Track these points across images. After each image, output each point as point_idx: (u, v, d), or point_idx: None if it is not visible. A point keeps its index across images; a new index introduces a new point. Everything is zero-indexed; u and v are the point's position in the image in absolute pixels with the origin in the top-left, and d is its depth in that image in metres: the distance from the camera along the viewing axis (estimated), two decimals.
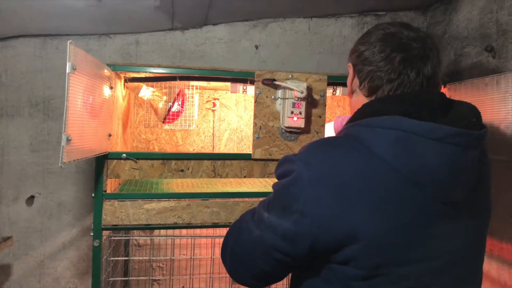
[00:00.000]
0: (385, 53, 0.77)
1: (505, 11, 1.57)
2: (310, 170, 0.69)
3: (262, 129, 1.40)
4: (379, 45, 0.78)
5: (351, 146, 0.70)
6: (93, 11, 1.53)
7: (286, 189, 0.71)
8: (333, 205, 0.66)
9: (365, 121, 0.72)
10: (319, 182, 0.67)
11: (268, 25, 1.99)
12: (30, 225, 1.87)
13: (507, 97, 1.24)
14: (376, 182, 0.66)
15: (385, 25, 0.81)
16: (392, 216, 0.65)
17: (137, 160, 1.35)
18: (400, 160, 0.66)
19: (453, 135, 0.65)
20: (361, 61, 0.81)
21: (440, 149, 0.65)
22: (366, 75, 0.80)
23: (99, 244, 1.30)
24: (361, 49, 0.82)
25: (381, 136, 0.67)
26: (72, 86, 0.94)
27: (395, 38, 0.78)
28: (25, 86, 1.85)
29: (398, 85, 0.76)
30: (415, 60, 0.76)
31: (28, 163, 1.87)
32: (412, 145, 0.66)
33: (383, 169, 0.66)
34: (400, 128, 0.66)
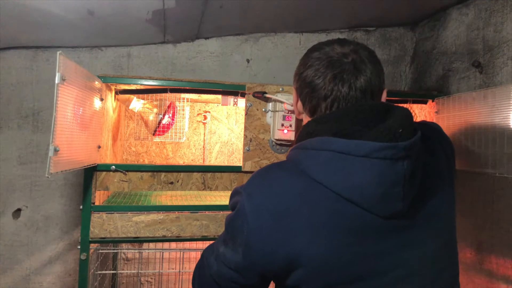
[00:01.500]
0: (319, 72, 0.78)
1: (491, 27, 1.60)
2: (250, 201, 0.71)
3: (252, 141, 1.40)
4: (314, 65, 0.79)
5: (289, 171, 0.73)
6: (85, 23, 1.53)
7: (232, 222, 0.74)
8: (273, 233, 0.67)
9: (300, 144, 0.75)
10: (259, 213, 0.69)
11: (260, 39, 2.01)
12: (16, 239, 1.84)
13: (493, 111, 1.26)
14: (312, 205, 0.68)
15: (320, 44, 0.83)
16: (331, 237, 0.66)
17: (127, 172, 1.34)
18: (332, 180, 0.67)
19: (378, 150, 0.65)
20: (301, 83, 0.83)
21: (368, 165, 0.66)
22: (305, 96, 0.82)
23: (86, 257, 1.28)
24: (300, 71, 0.83)
25: (313, 158, 0.70)
26: (61, 97, 0.94)
27: (327, 57, 0.79)
28: (15, 98, 1.84)
29: (332, 102, 0.77)
30: (346, 75, 0.76)
31: (16, 176, 1.84)
32: (341, 164, 0.67)
33: (317, 191, 0.68)
34: (329, 149, 0.68)
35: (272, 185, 0.71)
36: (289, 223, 0.67)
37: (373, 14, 1.89)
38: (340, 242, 0.67)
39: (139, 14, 1.49)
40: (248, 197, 0.71)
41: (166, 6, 1.45)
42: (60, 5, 1.36)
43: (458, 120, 1.41)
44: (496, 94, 1.26)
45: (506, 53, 1.52)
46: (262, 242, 0.68)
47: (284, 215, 0.67)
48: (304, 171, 0.70)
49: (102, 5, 1.38)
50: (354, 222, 0.67)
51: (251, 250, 0.69)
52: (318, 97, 0.79)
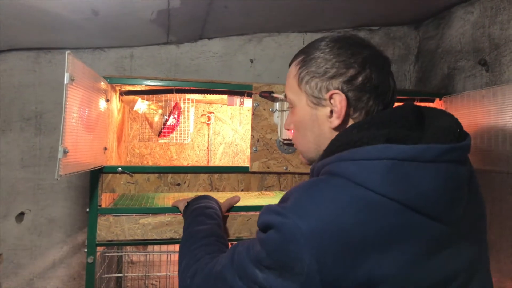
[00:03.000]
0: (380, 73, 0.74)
1: (497, 25, 1.59)
2: (305, 223, 0.61)
3: (259, 141, 1.38)
4: (369, 67, 0.74)
5: (342, 187, 0.64)
6: (89, 24, 1.52)
7: (282, 246, 0.62)
8: (340, 257, 0.59)
9: (347, 155, 0.66)
10: (319, 236, 0.60)
11: (263, 39, 2.00)
12: (19, 243, 1.82)
13: (503, 108, 1.25)
14: (376, 220, 0.61)
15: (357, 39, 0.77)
16: (402, 253, 0.61)
17: (133, 174, 1.32)
18: (396, 191, 0.61)
19: (447, 152, 0.61)
20: (357, 87, 0.74)
21: (435, 170, 0.61)
22: (366, 101, 0.74)
23: (93, 261, 1.26)
24: (351, 73, 0.74)
25: (370, 170, 0.62)
26: (70, 97, 0.92)
27: (372, 53, 0.75)
28: (17, 100, 1.82)
29: (391, 96, 0.75)
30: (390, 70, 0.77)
31: (19, 179, 1.83)
32: (404, 172, 0.61)
33: (380, 205, 0.61)
34: (389, 157, 0.62)
35: (327, 203, 0.62)
36: (354, 242, 0.59)
37: (376, 13, 1.89)
38: (412, 257, 0.61)
39: (144, 14, 1.48)
40: (300, 218, 0.61)
41: (171, 6, 1.44)
42: (64, 5, 1.35)
43: (467, 118, 1.40)
44: (505, 92, 1.25)
45: None
46: (328, 268, 0.59)
47: (346, 235, 0.60)
48: (359, 185, 0.62)
49: (108, 5, 1.37)
50: (422, 233, 0.62)
51: (315, 279, 0.59)
52: (384, 97, 0.74)
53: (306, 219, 0.61)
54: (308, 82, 0.77)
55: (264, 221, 0.68)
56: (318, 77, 0.75)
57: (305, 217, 0.61)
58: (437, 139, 0.62)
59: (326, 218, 0.61)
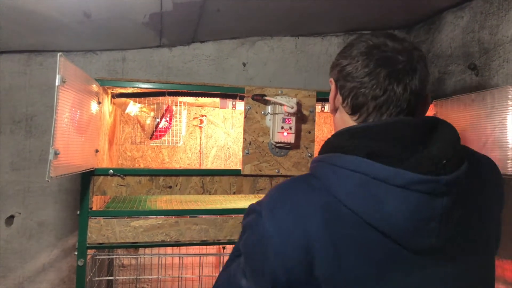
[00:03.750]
0: (368, 68, 0.71)
1: (486, 30, 1.61)
2: (272, 221, 0.64)
3: (251, 144, 1.39)
4: (362, 59, 0.72)
5: (315, 189, 0.66)
6: (81, 27, 1.51)
7: (255, 248, 0.66)
8: (301, 261, 0.62)
9: (329, 157, 0.68)
10: (285, 240, 0.63)
11: (256, 43, 2.01)
12: (8, 246, 1.80)
13: (493, 112, 1.27)
14: (337, 229, 0.62)
15: (368, 36, 0.75)
16: (357, 266, 0.62)
17: (124, 177, 1.32)
18: (361, 207, 0.62)
19: (417, 183, 0.60)
20: (343, 76, 0.75)
21: (403, 196, 0.60)
22: (349, 92, 0.74)
23: (83, 264, 1.25)
24: (343, 63, 0.75)
25: (343, 179, 0.64)
26: (61, 99, 0.92)
27: (379, 51, 0.71)
28: (8, 102, 1.81)
29: (384, 102, 0.70)
30: (402, 75, 0.70)
31: (8, 182, 1.81)
32: (373, 190, 0.61)
33: (345, 216, 0.62)
34: (363, 172, 0.62)
35: (295, 203, 0.65)
36: (314, 248, 0.61)
37: (368, 18, 1.90)
38: (365, 273, 0.62)
39: (136, 17, 1.48)
40: (269, 216, 0.65)
41: (163, 9, 1.44)
42: (56, 7, 1.34)
43: (457, 121, 1.42)
44: (495, 96, 1.26)
45: (502, 56, 1.53)
46: (292, 273, 0.62)
47: (308, 236, 0.62)
48: (331, 192, 0.64)
49: (100, 7, 1.36)
50: (380, 253, 0.62)
51: (281, 282, 0.62)
52: (366, 95, 0.71)
53: (275, 223, 0.64)
54: (330, 71, 0.84)
55: (243, 222, 0.73)
56: (332, 67, 0.82)
57: (274, 221, 0.64)
58: (415, 167, 0.61)
59: (294, 224, 0.63)
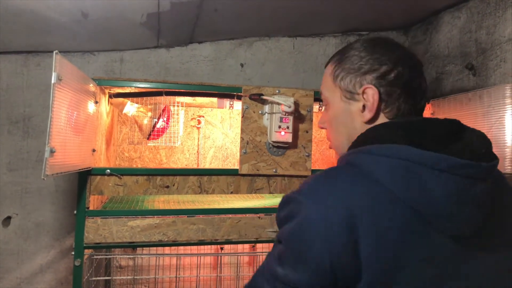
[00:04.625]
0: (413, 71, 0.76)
1: (483, 30, 1.61)
2: (317, 211, 0.62)
3: (249, 144, 1.38)
4: (403, 64, 0.75)
5: (357, 178, 0.66)
6: (78, 27, 1.51)
7: (296, 234, 0.64)
8: (347, 245, 0.60)
9: (367, 149, 0.68)
10: (330, 225, 0.61)
11: (253, 43, 2.01)
12: (6, 247, 1.80)
13: (489, 111, 1.27)
14: (382, 214, 0.62)
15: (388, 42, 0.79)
16: (396, 250, 0.62)
17: (122, 176, 1.31)
18: (405, 191, 0.63)
19: (460, 167, 0.62)
20: (392, 82, 0.76)
21: (445, 180, 0.62)
22: (396, 97, 0.75)
23: (80, 263, 1.25)
24: (386, 69, 0.76)
25: (384, 166, 0.64)
26: (57, 97, 0.92)
27: (407, 53, 0.77)
28: (5, 103, 1.80)
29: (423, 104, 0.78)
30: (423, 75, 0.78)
31: (6, 183, 1.80)
32: (417, 175, 0.62)
33: (388, 200, 0.63)
34: (406, 158, 0.63)
35: (341, 192, 0.64)
36: (358, 229, 0.61)
37: (366, 19, 1.90)
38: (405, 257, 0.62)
39: (134, 17, 1.48)
40: (313, 206, 0.63)
41: (161, 9, 1.44)
42: (53, 7, 1.34)
43: None
44: (491, 94, 1.26)
45: (499, 55, 1.54)
46: (338, 257, 0.60)
47: (354, 222, 0.61)
48: (372, 178, 0.64)
49: (97, 7, 1.36)
50: (421, 238, 0.63)
51: (325, 268, 0.61)
52: (416, 96, 0.76)
53: (318, 207, 0.62)
54: (343, 78, 0.80)
55: (285, 214, 0.69)
56: (352, 72, 0.78)
57: (317, 204, 0.63)
58: (457, 153, 0.63)
59: (338, 206, 0.62)
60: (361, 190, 0.63)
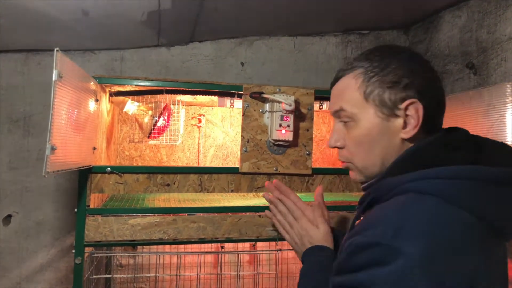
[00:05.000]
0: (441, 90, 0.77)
1: (484, 29, 1.62)
2: (419, 247, 0.57)
3: (249, 142, 1.38)
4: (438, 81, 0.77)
5: (436, 207, 0.63)
6: (78, 25, 1.51)
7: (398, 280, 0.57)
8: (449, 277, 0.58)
9: (435, 173, 0.65)
10: (431, 261, 0.57)
11: (254, 42, 2.01)
12: (6, 246, 1.79)
13: (490, 109, 1.27)
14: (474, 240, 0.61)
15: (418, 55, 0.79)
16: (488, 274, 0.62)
17: (122, 174, 1.31)
18: (489, 212, 0.63)
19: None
20: (436, 100, 0.75)
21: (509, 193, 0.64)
22: (434, 115, 0.75)
23: (81, 261, 1.25)
24: (432, 85, 0.75)
25: (463, 189, 0.63)
26: (58, 94, 0.92)
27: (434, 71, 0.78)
28: (5, 102, 1.80)
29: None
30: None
31: (6, 181, 1.80)
32: (495, 194, 0.63)
33: (472, 225, 0.62)
34: (480, 178, 0.63)
35: (426, 225, 0.60)
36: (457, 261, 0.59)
37: (366, 18, 1.91)
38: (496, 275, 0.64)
39: (135, 15, 1.48)
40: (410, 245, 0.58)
41: (161, 7, 1.44)
42: (54, 5, 1.34)
43: (455, 119, 1.42)
44: (492, 93, 1.26)
45: (499, 54, 1.54)
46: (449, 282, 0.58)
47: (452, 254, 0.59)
48: (455, 204, 0.62)
49: (98, 5, 1.37)
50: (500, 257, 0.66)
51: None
52: (443, 111, 0.77)
53: (414, 245, 0.58)
54: (380, 93, 0.74)
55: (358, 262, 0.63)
56: (391, 86, 0.73)
57: (412, 242, 0.58)
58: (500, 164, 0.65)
59: (430, 239, 0.58)
60: (443, 221, 0.61)
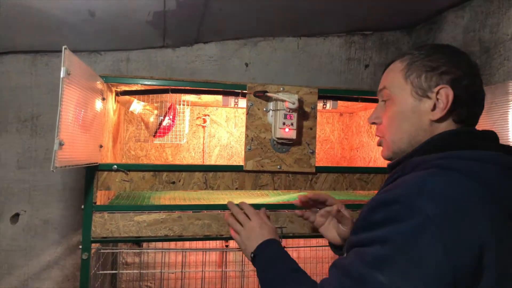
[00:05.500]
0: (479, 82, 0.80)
1: (487, 29, 1.62)
2: (432, 207, 0.61)
3: (254, 140, 1.40)
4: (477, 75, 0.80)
5: (457, 180, 0.66)
6: (85, 25, 1.54)
7: (412, 237, 0.61)
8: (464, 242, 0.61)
9: (463, 154, 0.71)
10: (446, 222, 0.60)
11: (258, 43, 2.03)
12: (14, 244, 1.82)
13: (493, 107, 1.28)
14: (486, 212, 0.64)
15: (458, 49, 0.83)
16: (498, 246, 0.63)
17: (128, 172, 1.33)
18: (506, 193, 0.67)
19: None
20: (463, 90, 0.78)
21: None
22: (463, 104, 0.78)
23: (88, 257, 1.27)
24: (461, 75, 0.79)
25: (486, 170, 0.68)
26: (66, 91, 0.94)
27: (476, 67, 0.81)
28: (14, 102, 1.83)
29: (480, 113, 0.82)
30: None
31: (14, 180, 1.83)
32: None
33: (491, 202, 0.65)
34: (500, 163, 0.69)
35: (444, 192, 0.64)
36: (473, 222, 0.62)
37: (370, 18, 1.92)
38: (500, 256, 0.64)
39: (140, 15, 1.51)
40: (426, 204, 0.62)
41: (167, 8, 1.47)
42: (61, 6, 1.37)
43: None
44: (495, 91, 1.27)
45: (502, 54, 1.55)
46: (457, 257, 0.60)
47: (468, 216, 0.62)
48: (475, 181, 0.66)
49: (104, 5, 1.39)
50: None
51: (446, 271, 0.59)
52: (479, 106, 0.81)
53: (434, 203, 0.62)
54: (418, 75, 0.81)
55: (377, 217, 0.67)
56: (429, 71, 0.80)
57: (432, 201, 0.62)
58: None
59: (448, 202, 0.63)
60: (461, 191, 0.64)
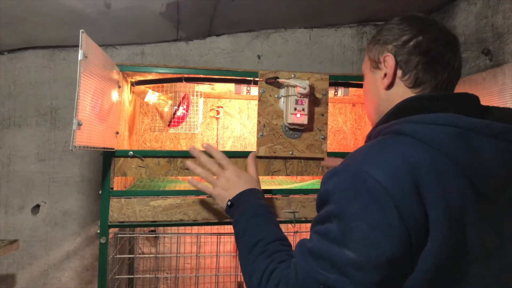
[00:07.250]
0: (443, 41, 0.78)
1: (499, 15, 1.62)
2: (381, 172, 0.61)
3: (266, 127, 1.42)
4: (432, 33, 0.78)
5: (409, 143, 0.66)
6: (101, 18, 1.58)
7: (363, 205, 0.61)
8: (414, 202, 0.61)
9: (415, 119, 0.69)
10: (397, 184, 0.60)
11: (270, 35, 2.05)
12: (34, 234, 1.87)
13: (504, 89, 1.27)
14: (439, 175, 0.63)
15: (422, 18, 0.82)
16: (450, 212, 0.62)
17: (144, 158, 1.36)
18: (460, 155, 0.64)
19: (509, 132, 0.65)
20: (410, 49, 0.78)
21: (496, 145, 0.65)
22: (414, 65, 0.78)
23: (105, 241, 1.30)
24: (408, 36, 0.79)
25: (439, 132, 0.65)
26: (83, 73, 0.97)
27: (440, 28, 0.80)
28: (33, 96, 1.89)
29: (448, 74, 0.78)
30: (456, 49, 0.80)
31: (34, 172, 1.89)
32: (469, 141, 0.64)
33: (444, 163, 0.64)
34: (457, 125, 0.65)
35: (397, 154, 0.64)
36: (423, 186, 0.61)
37: (381, 8, 1.92)
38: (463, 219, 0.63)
39: (154, 7, 1.54)
40: (375, 170, 0.62)
41: None
42: None
43: None
44: (505, 72, 1.27)
45: None
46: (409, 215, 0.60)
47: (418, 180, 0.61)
48: (428, 144, 0.65)
49: None
50: (468, 200, 0.64)
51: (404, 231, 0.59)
52: (436, 67, 0.77)
53: (380, 169, 0.62)
54: (371, 49, 0.87)
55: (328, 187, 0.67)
56: (378, 44, 0.84)
57: (378, 167, 0.62)
58: (502, 121, 0.67)
59: (398, 166, 0.62)
60: (414, 155, 0.63)
